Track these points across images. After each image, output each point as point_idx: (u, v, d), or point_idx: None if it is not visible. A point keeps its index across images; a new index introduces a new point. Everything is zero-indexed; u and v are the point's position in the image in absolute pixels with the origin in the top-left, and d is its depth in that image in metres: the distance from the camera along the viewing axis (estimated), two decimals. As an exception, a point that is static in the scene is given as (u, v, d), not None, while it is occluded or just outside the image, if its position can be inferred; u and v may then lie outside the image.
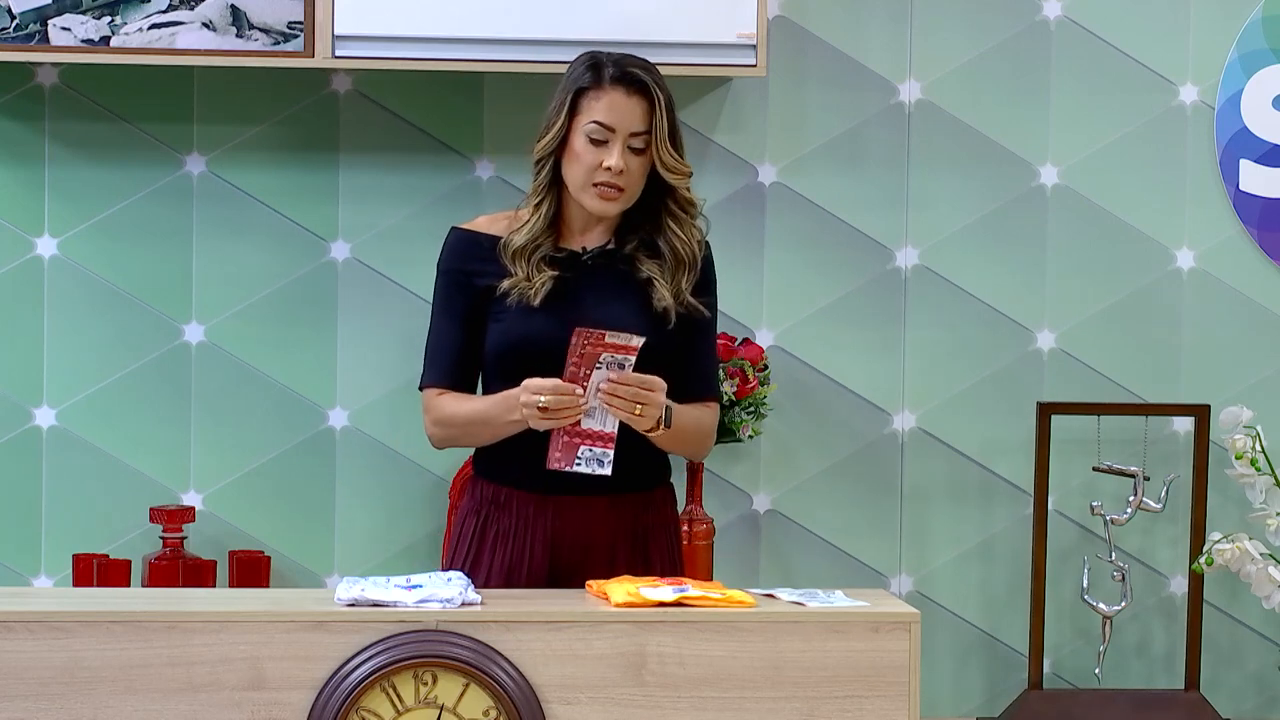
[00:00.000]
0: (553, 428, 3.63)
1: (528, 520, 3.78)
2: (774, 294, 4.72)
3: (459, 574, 3.55)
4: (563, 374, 3.60)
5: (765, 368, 4.56)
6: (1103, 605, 4.63)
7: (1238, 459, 4.53)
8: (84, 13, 4.32)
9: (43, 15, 4.32)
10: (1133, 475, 4.62)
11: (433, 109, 4.64)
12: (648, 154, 3.75)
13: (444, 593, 3.44)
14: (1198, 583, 4.64)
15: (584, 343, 3.58)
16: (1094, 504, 4.64)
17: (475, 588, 3.51)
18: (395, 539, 4.67)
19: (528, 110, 3.87)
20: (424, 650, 3.36)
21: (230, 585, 4.52)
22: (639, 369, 3.64)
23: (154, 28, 4.33)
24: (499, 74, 4.54)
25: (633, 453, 3.73)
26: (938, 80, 4.73)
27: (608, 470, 3.64)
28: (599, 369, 3.59)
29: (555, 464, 3.65)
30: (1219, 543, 4.49)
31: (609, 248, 3.82)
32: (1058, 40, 4.74)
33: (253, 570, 4.50)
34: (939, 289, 4.74)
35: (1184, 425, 4.75)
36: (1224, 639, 4.79)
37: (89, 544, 4.58)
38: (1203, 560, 4.51)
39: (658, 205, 3.81)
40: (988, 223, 4.75)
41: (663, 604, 3.44)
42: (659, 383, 3.63)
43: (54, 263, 4.61)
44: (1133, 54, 4.75)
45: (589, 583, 3.59)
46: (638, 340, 3.60)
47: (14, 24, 4.31)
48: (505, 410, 3.69)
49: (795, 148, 4.71)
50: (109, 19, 4.32)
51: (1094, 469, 4.65)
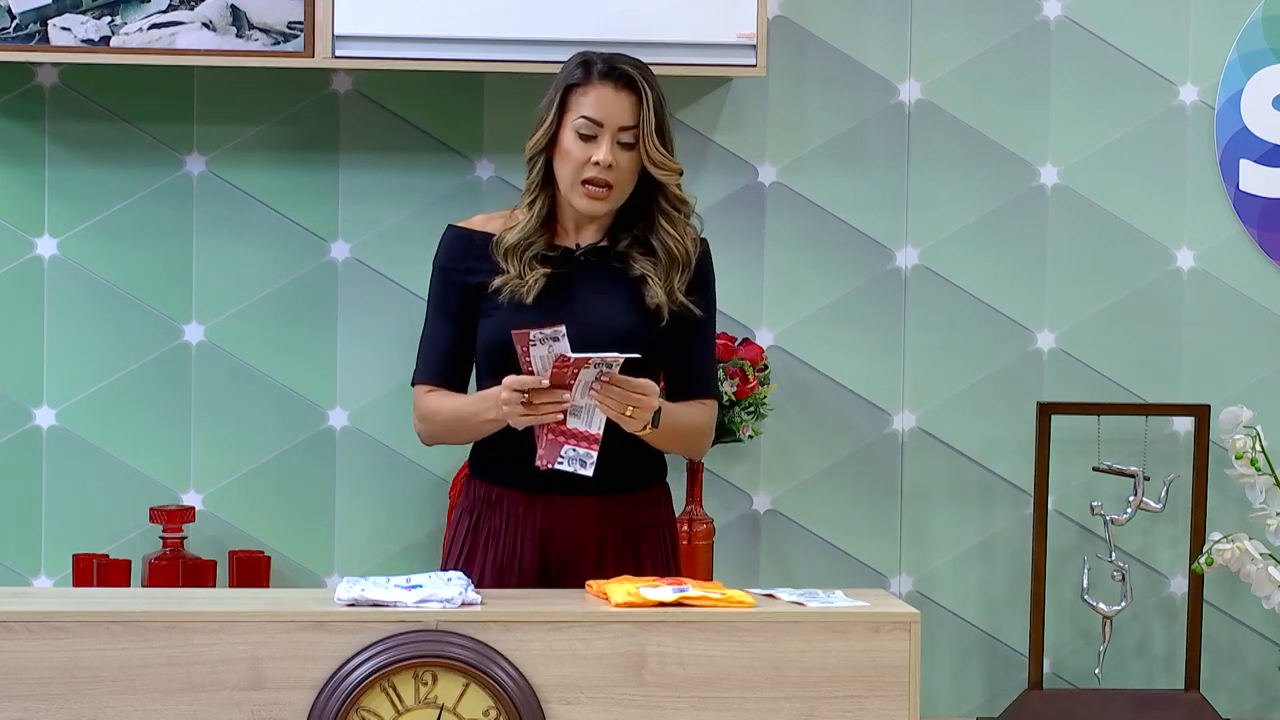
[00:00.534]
0: (533, 424, 3.63)
1: (518, 519, 3.78)
2: (774, 294, 4.72)
3: (459, 574, 3.55)
4: (548, 376, 3.60)
5: (765, 368, 4.56)
6: (1103, 605, 4.63)
7: (1238, 459, 4.53)
8: (84, 13, 4.31)
9: (43, 15, 4.32)
10: (1133, 475, 4.62)
11: (433, 109, 4.64)
12: (637, 150, 3.75)
13: (444, 593, 3.44)
14: (1198, 583, 4.64)
15: (568, 365, 3.58)
16: (1094, 504, 4.64)
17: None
18: (395, 539, 4.67)
19: (528, 110, 3.86)
20: (424, 650, 3.36)
21: (230, 585, 4.52)
22: (634, 369, 3.65)
23: (154, 28, 4.33)
24: (499, 74, 4.54)
25: (625, 453, 3.73)
26: (938, 80, 4.73)
27: (589, 471, 3.63)
28: (587, 369, 3.59)
29: (540, 461, 3.64)
30: (1219, 543, 4.49)
31: (602, 245, 3.82)
32: (1058, 40, 4.74)
33: (253, 570, 4.50)
34: (939, 289, 4.74)
35: (1184, 425, 4.75)
36: (1224, 639, 4.79)
37: (89, 544, 4.58)
38: (1203, 560, 4.51)
39: (650, 204, 3.81)
40: (988, 223, 4.75)
41: (663, 604, 3.44)
42: (651, 386, 3.63)
43: (54, 263, 4.61)
44: (1133, 54, 4.75)
45: (589, 583, 3.59)
46: (619, 359, 3.60)
47: (14, 24, 4.31)
48: (483, 408, 3.69)
49: (795, 148, 4.71)
50: (109, 19, 4.32)
51: (1094, 469, 4.65)
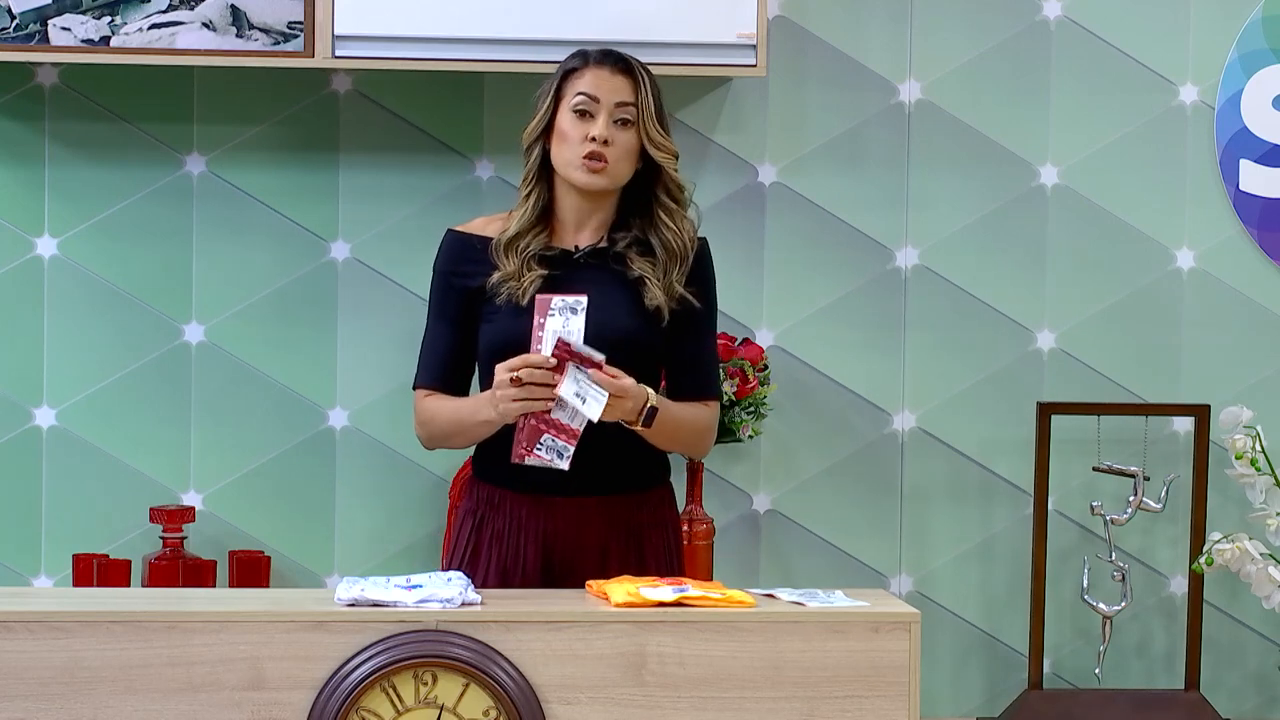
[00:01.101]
0: (528, 410, 3.60)
1: (520, 521, 3.78)
2: (774, 294, 4.72)
3: (459, 574, 3.55)
4: (548, 352, 3.59)
5: (765, 368, 4.56)
6: (1103, 605, 4.63)
7: (1238, 459, 4.53)
8: (84, 13, 4.31)
9: (43, 15, 4.32)
10: (1133, 475, 4.62)
11: (433, 109, 4.64)
12: (634, 132, 3.75)
13: (444, 593, 3.44)
14: (1198, 583, 4.64)
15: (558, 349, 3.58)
16: (1094, 504, 4.64)
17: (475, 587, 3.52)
18: (395, 539, 4.67)
19: (528, 110, 3.86)
20: (424, 650, 3.36)
21: (230, 585, 4.52)
22: (635, 370, 3.65)
23: (154, 28, 4.33)
24: (499, 74, 4.54)
25: (628, 454, 3.73)
26: (938, 80, 4.73)
27: (564, 465, 3.60)
28: (577, 367, 3.59)
29: (517, 450, 3.62)
30: (1219, 543, 4.49)
31: (601, 246, 3.82)
32: (1058, 40, 4.74)
33: (253, 570, 4.50)
34: (939, 289, 4.74)
35: (1184, 425, 4.75)
36: (1224, 639, 4.79)
37: (89, 544, 4.58)
38: (1203, 560, 4.51)
39: (648, 197, 3.81)
40: (988, 223, 4.75)
41: (663, 604, 3.43)
42: (629, 386, 3.61)
43: (54, 263, 4.61)
44: (1133, 54, 4.75)
45: (589, 583, 3.59)
46: (599, 356, 3.59)
47: (14, 24, 4.31)
48: (478, 407, 3.69)
49: (795, 148, 4.71)
50: (109, 19, 4.32)
51: (1094, 469, 4.65)
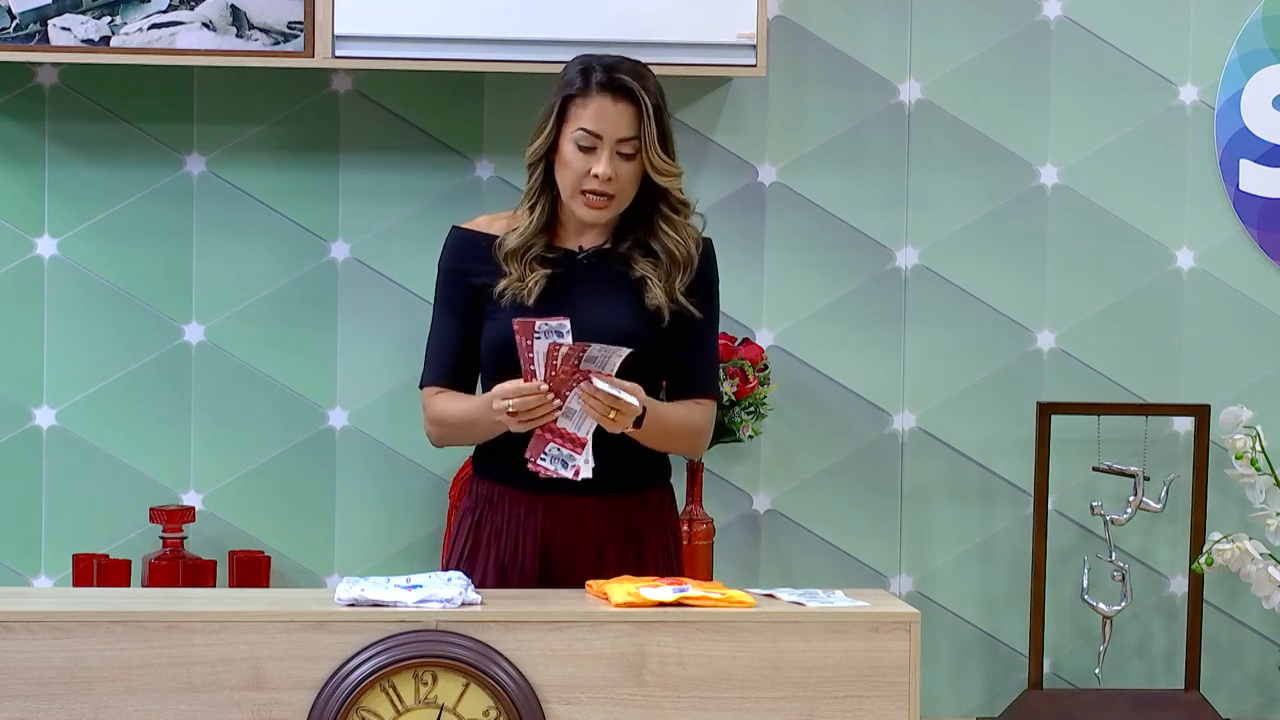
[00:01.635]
0: (531, 428, 3.63)
1: (519, 519, 3.78)
2: (774, 294, 4.72)
3: (459, 574, 3.55)
4: (542, 374, 3.60)
5: (765, 368, 4.56)
6: (1103, 605, 4.63)
7: (1238, 459, 4.53)
8: (84, 13, 4.31)
9: (43, 15, 4.32)
10: (1133, 475, 4.62)
11: (433, 109, 4.64)
12: (638, 159, 3.75)
13: (444, 593, 3.44)
14: (1198, 583, 4.64)
15: (569, 354, 3.57)
16: (1094, 504, 4.64)
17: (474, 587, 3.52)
18: (395, 539, 4.67)
19: (528, 110, 3.86)
20: (424, 650, 3.36)
21: (230, 585, 4.52)
22: (636, 370, 3.65)
23: (154, 28, 4.33)
24: (499, 74, 4.54)
25: (628, 454, 3.73)
26: (938, 80, 4.73)
27: (569, 473, 3.62)
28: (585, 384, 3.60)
29: (528, 454, 3.65)
30: (1219, 543, 4.49)
31: (605, 247, 3.82)
32: (1058, 40, 4.74)
33: (253, 570, 4.50)
34: (939, 289, 4.74)
35: (1184, 425, 4.75)
36: (1224, 639, 4.79)
37: (89, 544, 4.58)
38: (1203, 560, 4.51)
39: (651, 207, 3.81)
40: (988, 223, 4.75)
41: (663, 604, 3.43)
42: (632, 400, 3.62)
43: (54, 263, 4.61)
44: (1133, 54, 4.75)
45: (589, 583, 3.59)
46: (621, 353, 3.60)
47: (14, 24, 4.31)
48: (489, 413, 3.69)
49: (795, 148, 4.71)
50: (109, 19, 4.32)
51: (1094, 469, 4.65)
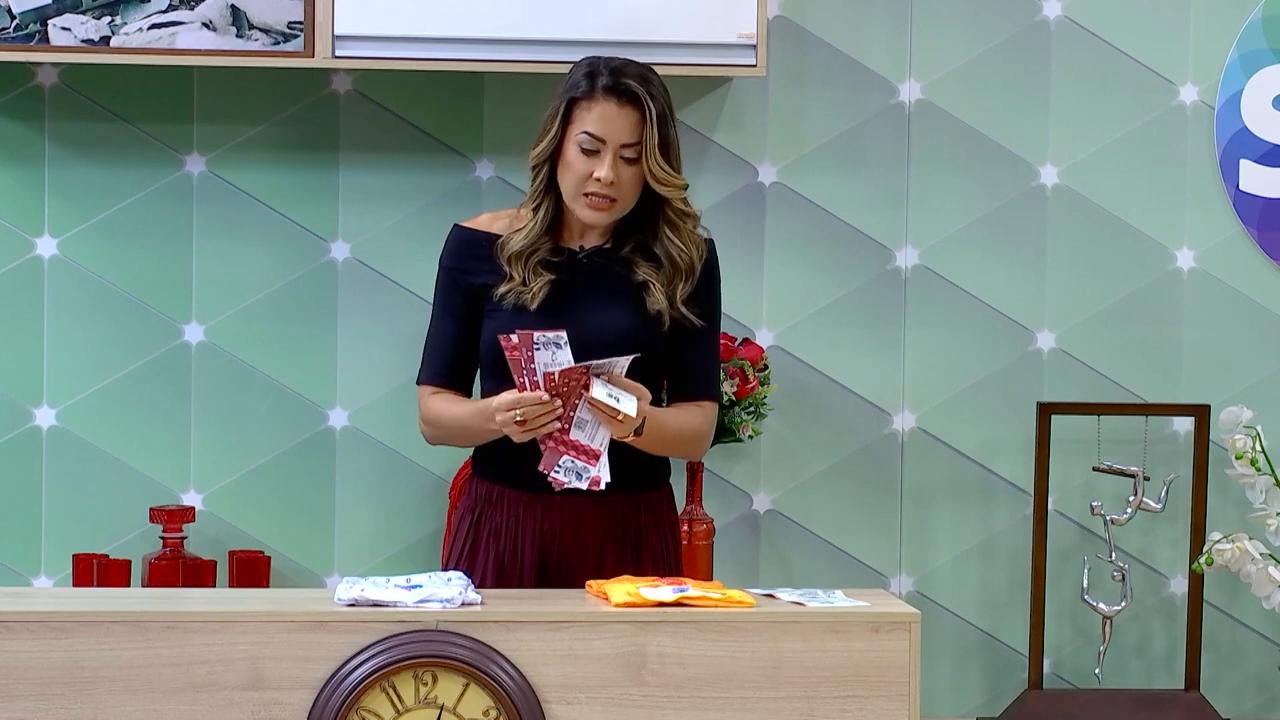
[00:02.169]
0: (532, 437, 3.63)
1: (518, 519, 3.78)
2: (774, 294, 4.72)
3: (459, 574, 3.56)
4: (542, 384, 3.60)
5: (765, 368, 4.56)
6: (1103, 605, 4.63)
7: (1238, 459, 4.53)
8: (84, 13, 4.31)
9: (43, 15, 4.32)
10: (1133, 475, 4.62)
11: (433, 109, 4.64)
12: (641, 164, 3.75)
13: (444, 593, 3.44)
14: (1198, 583, 4.64)
15: (578, 374, 3.58)
16: (1094, 504, 4.64)
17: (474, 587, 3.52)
18: (395, 539, 4.67)
19: (528, 110, 3.87)
20: (424, 650, 3.36)
21: (230, 585, 4.52)
22: (637, 373, 3.66)
23: (154, 28, 4.33)
24: (499, 74, 4.54)
25: (626, 455, 3.72)
26: (938, 80, 4.73)
27: (584, 484, 3.62)
28: (597, 381, 3.59)
29: (542, 467, 3.66)
30: (1219, 543, 4.49)
31: (606, 247, 3.82)
32: (1058, 40, 4.74)
33: (253, 570, 4.50)
34: (939, 289, 4.74)
35: (1184, 425, 4.75)
36: (1224, 639, 4.79)
37: (89, 544, 4.58)
38: (1203, 560, 4.51)
39: (655, 212, 3.81)
40: (988, 223, 4.75)
41: (663, 604, 3.44)
42: (630, 410, 3.61)
43: (54, 263, 4.61)
44: (1133, 54, 4.75)
45: (589, 583, 3.59)
46: (624, 361, 3.60)
47: (14, 24, 4.31)
48: (484, 420, 3.69)
49: (795, 148, 4.71)
50: (109, 19, 4.32)
51: (1094, 469, 4.65)
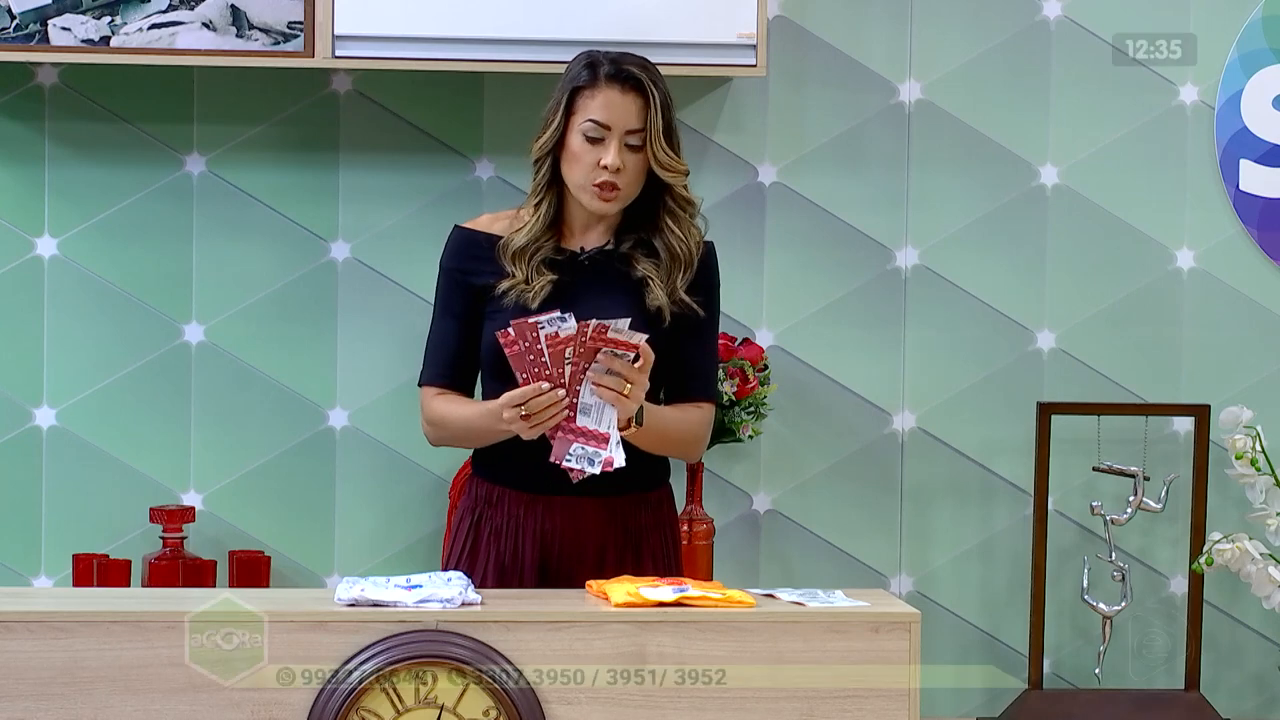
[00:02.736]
0: (545, 432, 3.63)
1: (518, 519, 3.78)
2: (774, 294, 4.72)
3: (459, 574, 3.55)
4: (549, 370, 3.60)
5: (765, 368, 4.56)
6: (1103, 605, 4.63)
7: (1238, 459, 4.53)
8: (84, 13, 4.31)
9: (43, 15, 4.32)
10: (1133, 475, 4.62)
11: (433, 109, 4.64)
12: (644, 152, 3.75)
13: (444, 593, 3.44)
14: (1198, 583, 4.64)
15: (584, 337, 3.57)
16: (1094, 504, 4.64)
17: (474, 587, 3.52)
18: (395, 539, 4.67)
19: (528, 110, 3.87)
20: (424, 650, 3.36)
21: (230, 585, 4.52)
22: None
23: (154, 28, 4.33)
24: (499, 74, 4.54)
25: (627, 455, 3.72)
26: (938, 80, 4.73)
27: (597, 469, 3.61)
28: (597, 365, 3.59)
29: (554, 458, 3.65)
30: (1219, 543, 4.49)
31: (607, 248, 3.82)
32: (1058, 40, 4.74)
33: (253, 570, 4.50)
34: (939, 289, 4.74)
35: (1184, 425, 4.75)
36: (1224, 639, 4.79)
37: (89, 544, 4.58)
38: (1203, 560, 4.51)
39: (656, 203, 3.81)
40: (988, 223, 4.75)
41: (663, 604, 3.43)
42: (646, 361, 3.60)
43: (54, 263, 4.61)
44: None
45: (589, 583, 3.59)
46: (640, 337, 3.59)
47: (14, 24, 4.31)
48: (492, 421, 3.68)
49: (795, 148, 4.71)
50: (109, 19, 4.32)
51: (1094, 469, 4.65)
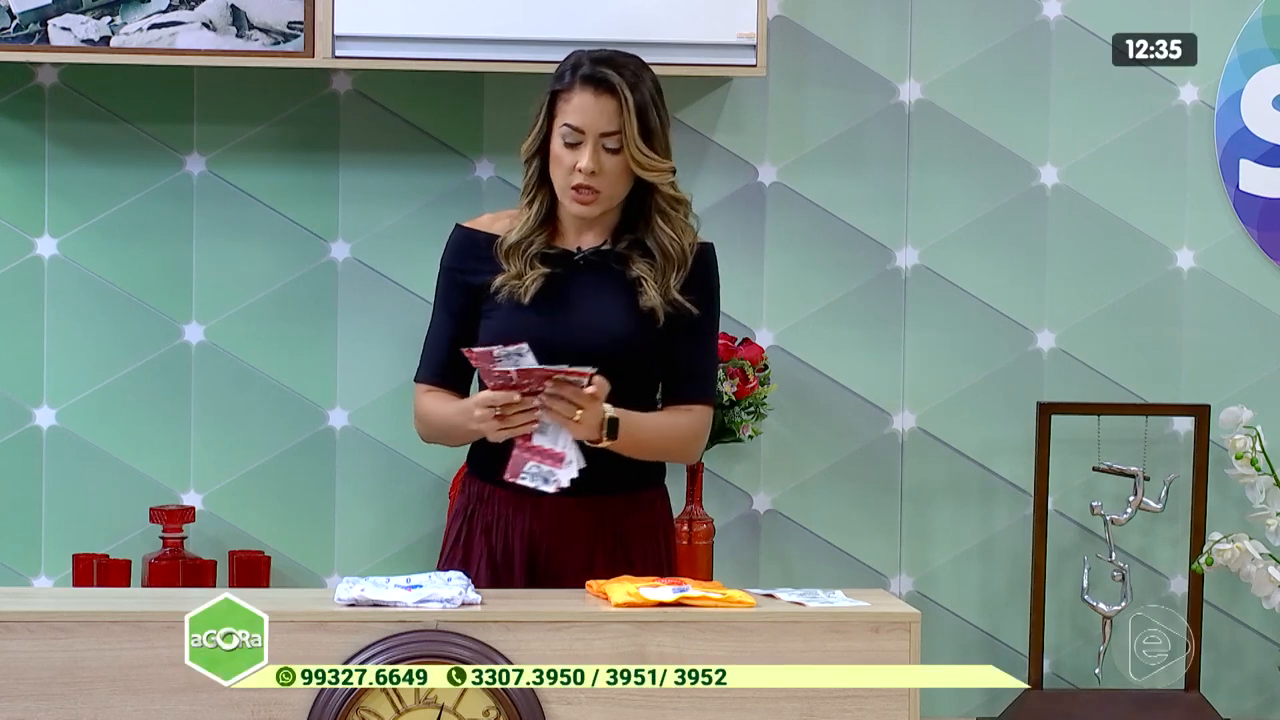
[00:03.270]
0: (511, 436, 3.64)
1: (508, 518, 3.78)
2: (774, 294, 4.72)
3: (459, 574, 3.55)
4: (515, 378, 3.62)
5: (765, 368, 4.56)
6: (1103, 605, 4.63)
7: (1238, 459, 4.53)
8: (84, 13, 4.31)
9: (43, 15, 4.32)
10: (1133, 475, 4.62)
11: (433, 109, 4.64)
12: (624, 153, 3.75)
13: (444, 593, 3.44)
14: (1198, 583, 4.64)
15: (531, 379, 3.59)
16: (1094, 504, 4.64)
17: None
18: (395, 539, 4.67)
19: (527, 110, 3.86)
20: (424, 650, 3.35)
21: (230, 585, 4.52)
22: (630, 373, 3.67)
23: (154, 28, 4.33)
24: (499, 74, 4.54)
25: (617, 455, 3.72)
26: (938, 80, 4.73)
27: (551, 488, 3.64)
28: (551, 384, 3.61)
29: (507, 474, 3.68)
30: (1219, 543, 4.49)
31: (604, 248, 3.82)
32: (1058, 40, 4.74)
33: (253, 570, 4.50)
34: (939, 289, 4.74)
35: (1184, 425, 4.75)
36: (1224, 639, 4.79)
37: (89, 544, 4.58)
38: (1203, 560, 4.51)
39: (647, 203, 3.80)
40: (988, 223, 4.75)
41: (663, 604, 3.43)
42: (599, 390, 3.61)
43: (54, 263, 4.61)
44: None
45: (589, 583, 3.58)
46: (588, 370, 3.61)
47: (14, 24, 4.31)
48: (465, 419, 3.70)
49: (795, 148, 4.71)
50: (109, 19, 4.32)
51: (1094, 469, 4.65)
